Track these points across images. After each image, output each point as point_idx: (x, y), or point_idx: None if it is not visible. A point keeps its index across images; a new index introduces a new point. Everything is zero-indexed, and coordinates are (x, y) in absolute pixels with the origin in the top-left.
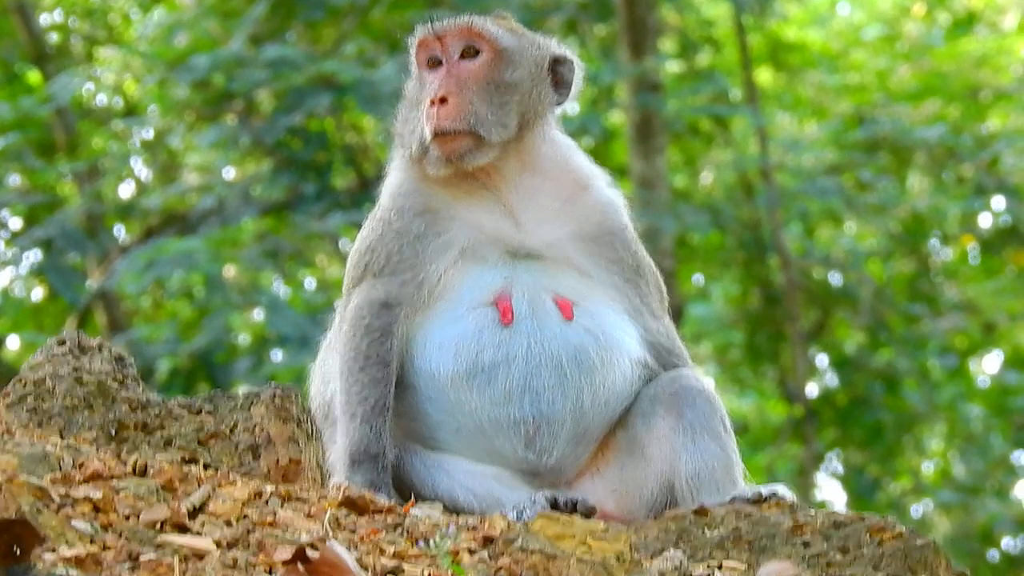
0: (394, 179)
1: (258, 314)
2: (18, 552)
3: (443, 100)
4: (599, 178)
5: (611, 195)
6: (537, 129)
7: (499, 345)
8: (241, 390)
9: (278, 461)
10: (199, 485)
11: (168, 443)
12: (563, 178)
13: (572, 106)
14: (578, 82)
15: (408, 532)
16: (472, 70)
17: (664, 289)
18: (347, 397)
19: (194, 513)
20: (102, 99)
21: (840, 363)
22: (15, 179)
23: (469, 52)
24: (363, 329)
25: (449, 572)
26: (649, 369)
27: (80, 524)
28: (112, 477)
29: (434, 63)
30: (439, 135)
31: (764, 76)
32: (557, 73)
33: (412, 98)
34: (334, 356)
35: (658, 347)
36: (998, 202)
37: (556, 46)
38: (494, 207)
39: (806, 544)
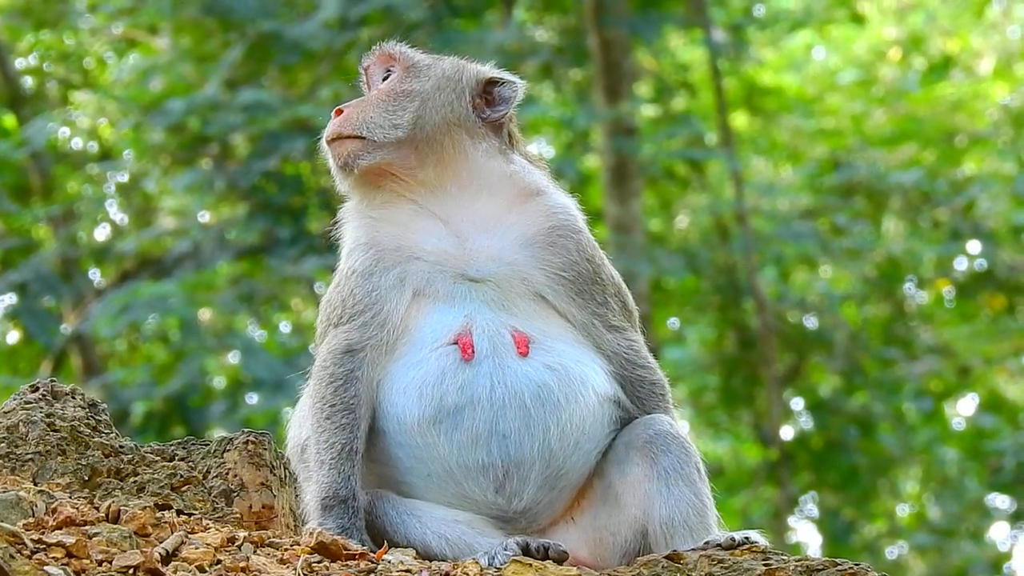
0: (345, 227)
1: (233, 357)
2: None
3: (339, 112)
4: (550, 187)
5: (563, 200)
6: (461, 138)
7: (462, 388)
8: (214, 435)
9: (251, 507)
10: (172, 531)
11: (141, 489)
12: (506, 188)
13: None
14: (517, 98)
15: None
16: (382, 87)
17: (630, 301)
18: (317, 446)
19: (167, 559)
20: (77, 143)
21: (815, 406)
22: None
23: (387, 77)
24: (327, 378)
25: None
26: (621, 407)
27: (53, 570)
28: (85, 523)
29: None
30: (330, 142)
31: (739, 120)
32: (492, 94)
33: None
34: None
35: (619, 359)
36: (973, 246)
37: (489, 69)
38: (433, 226)
39: None
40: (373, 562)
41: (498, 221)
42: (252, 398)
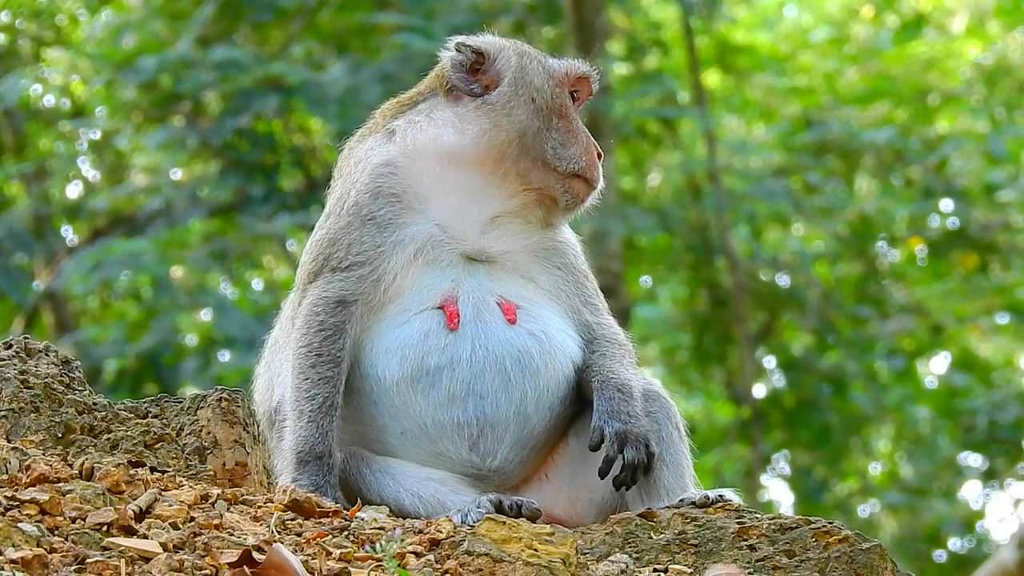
0: (379, 154)
1: (205, 315)
2: None
3: (600, 155)
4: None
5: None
6: None
7: (444, 349)
8: (188, 392)
9: (224, 464)
10: (146, 488)
11: (115, 446)
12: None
13: None
14: None
15: (354, 535)
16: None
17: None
18: (296, 394)
19: (140, 516)
20: (50, 100)
21: (787, 365)
22: None
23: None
24: (316, 326)
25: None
26: None
27: (26, 526)
28: (59, 480)
29: (571, 98)
30: (594, 190)
31: (712, 78)
32: None
33: (555, 106)
34: (284, 354)
35: (602, 340)
36: (946, 204)
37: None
38: (471, 209)
39: (752, 548)
40: (346, 520)
41: (521, 225)
42: (224, 355)
